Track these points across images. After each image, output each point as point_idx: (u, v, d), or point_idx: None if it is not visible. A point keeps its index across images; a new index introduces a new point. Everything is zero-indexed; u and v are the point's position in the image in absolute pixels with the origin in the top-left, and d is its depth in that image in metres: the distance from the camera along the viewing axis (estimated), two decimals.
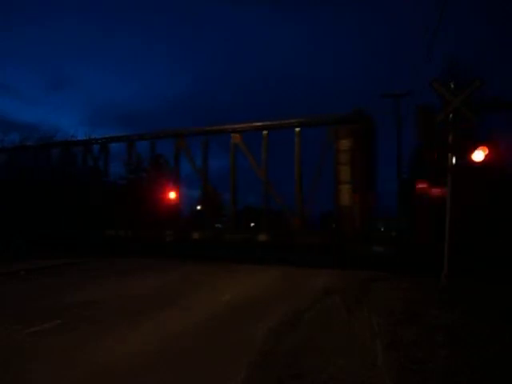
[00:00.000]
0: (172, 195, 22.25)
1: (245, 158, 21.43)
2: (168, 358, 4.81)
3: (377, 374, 4.25)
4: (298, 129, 20.35)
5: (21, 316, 6.78)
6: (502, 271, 11.27)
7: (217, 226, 26.54)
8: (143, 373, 4.34)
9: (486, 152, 9.86)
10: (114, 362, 4.63)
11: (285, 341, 5.53)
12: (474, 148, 10.07)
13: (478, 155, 9.94)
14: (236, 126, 21.40)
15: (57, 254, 16.78)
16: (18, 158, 23.15)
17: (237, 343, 5.46)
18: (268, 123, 20.89)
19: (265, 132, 20.98)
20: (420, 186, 12.00)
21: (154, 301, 8.40)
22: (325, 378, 4.16)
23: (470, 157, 10.02)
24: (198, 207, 25.69)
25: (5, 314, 7.07)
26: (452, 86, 9.89)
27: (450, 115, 9.88)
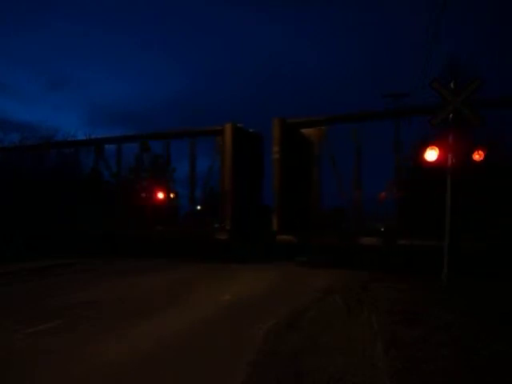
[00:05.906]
0: (171, 195, 22.29)
1: None
2: (168, 358, 4.82)
3: (377, 374, 4.26)
4: None
5: (21, 316, 6.78)
6: (502, 271, 11.29)
7: (216, 225, 26.49)
8: (143, 373, 4.35)
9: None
10: (113, 362, 4.63)
11: (285, 340, 5.54)
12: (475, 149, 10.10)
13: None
14: None
15: (56, 253, 16.78)
16: (17, 158, 23.12)
17: (237, 343, 5.47)
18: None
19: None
20: None
21: (154, 301, 8.40)
22: (325, 377, 4.17)
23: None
24: (198, 207, 25.64)
25: (5, 314, 7.08)
26: (452, 85, 9.90)
27: (450, 115, 9.89)
